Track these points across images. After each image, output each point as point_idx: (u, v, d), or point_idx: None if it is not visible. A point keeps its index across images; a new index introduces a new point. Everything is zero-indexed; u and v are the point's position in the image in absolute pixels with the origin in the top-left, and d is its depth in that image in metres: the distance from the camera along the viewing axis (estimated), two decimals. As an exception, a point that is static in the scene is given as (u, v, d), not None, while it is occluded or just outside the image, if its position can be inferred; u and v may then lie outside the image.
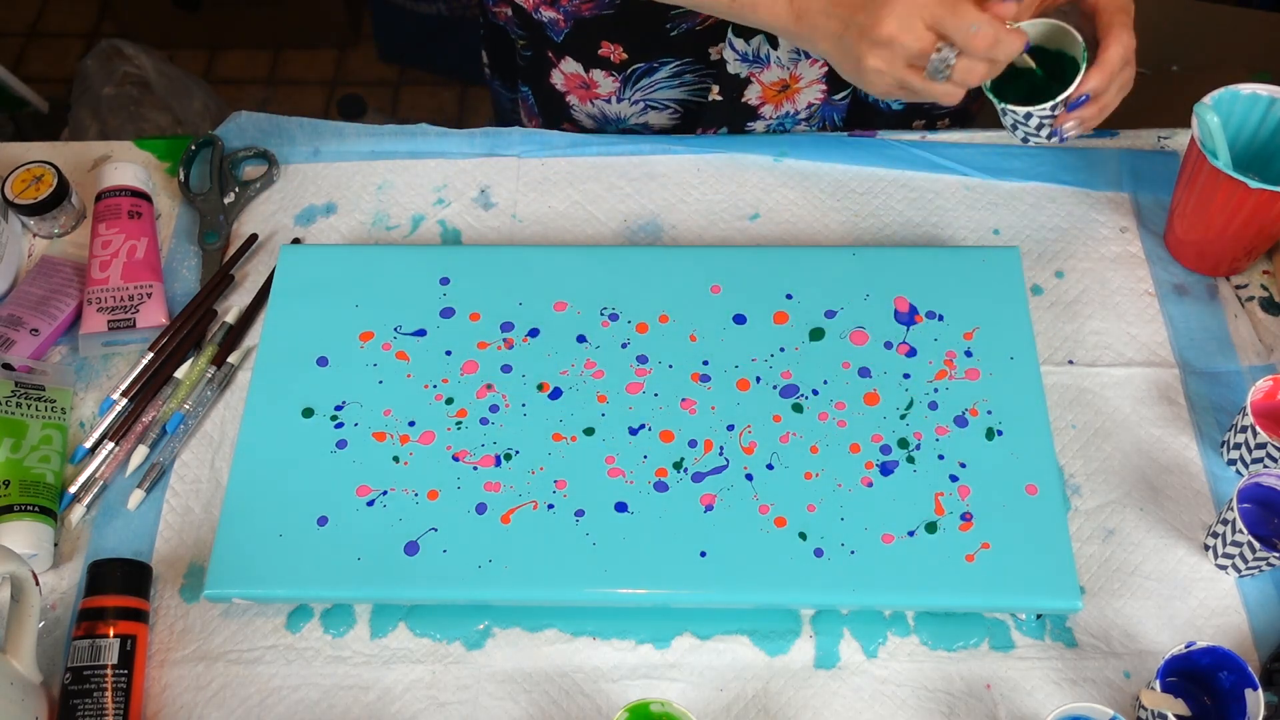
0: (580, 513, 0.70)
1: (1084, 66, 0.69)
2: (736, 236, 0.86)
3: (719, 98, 0.89)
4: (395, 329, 0.78)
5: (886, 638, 0.69)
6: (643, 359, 0.76)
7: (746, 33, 0.84)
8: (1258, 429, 0.70)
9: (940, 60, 0.63)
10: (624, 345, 0.77)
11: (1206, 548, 0.71)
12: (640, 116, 0.93)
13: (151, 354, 0.80)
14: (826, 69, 0.88)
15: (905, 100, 0.68)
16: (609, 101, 0.92)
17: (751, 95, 0.89)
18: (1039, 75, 0.72)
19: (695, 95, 0.91)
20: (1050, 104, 0.69)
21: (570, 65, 0.90)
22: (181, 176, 0.90)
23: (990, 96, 0.72)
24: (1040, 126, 0.72)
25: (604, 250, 0.82)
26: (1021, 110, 0.70)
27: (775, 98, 0.90)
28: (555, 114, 0.96)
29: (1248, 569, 0.69)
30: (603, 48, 0.87)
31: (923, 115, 0.96)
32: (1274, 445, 0.69)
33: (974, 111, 1.01)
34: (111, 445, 0.77)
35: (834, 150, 0.89)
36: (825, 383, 0.75)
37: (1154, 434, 0.76)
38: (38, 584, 0.67)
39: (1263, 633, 0.69)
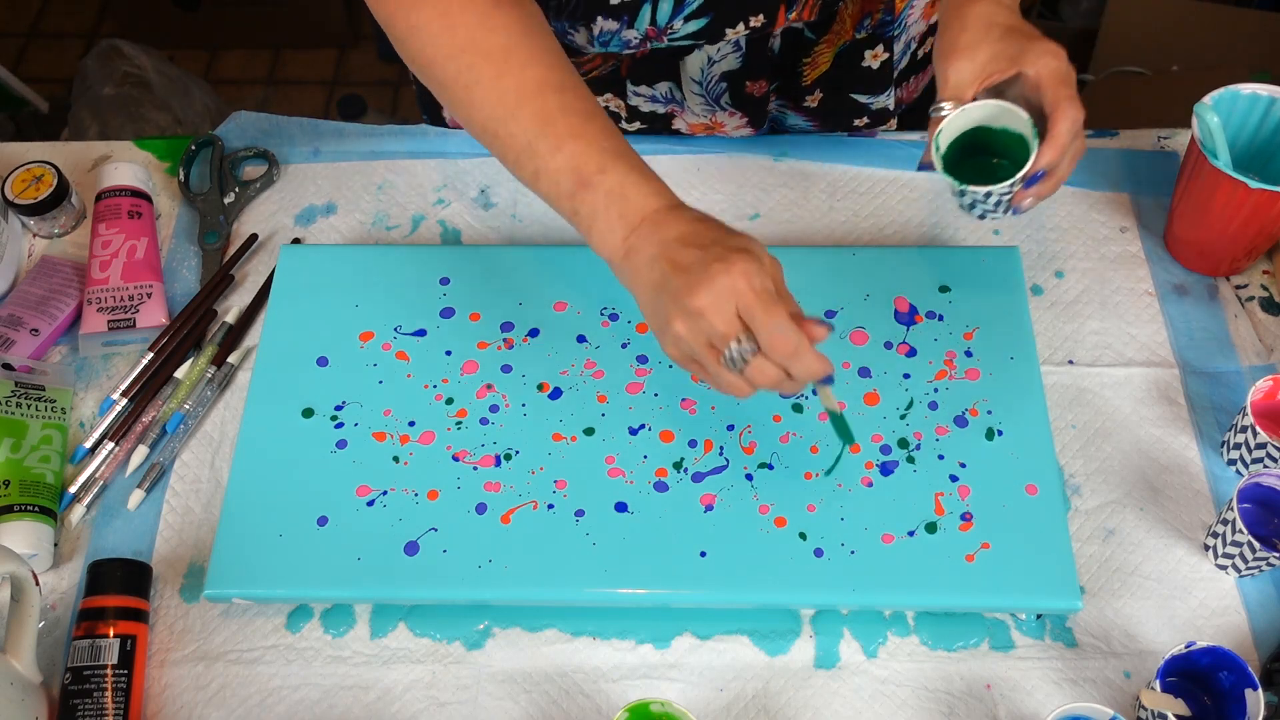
0: (580, 513, 0.70)
1: (1035, 143, 0.68)
2: (736, 236, 0.86)
3: (643, 126, 0.89)
4: (395, 329, 0.78)
5: (886, 638, 0.69)
6: (643, 359, 0.76)
7: (647, 80, 0.84)
8: (1258, 429, 0.70)
9: (737, 350, 0.60)
10: (624, 345, 0.77)
11: (1206, 548, 0.71)
12: None
13: (151, 354, 0.80)
14: (747, 120, 0.88)
15: (695, 376, 0.64)
16: None
17: (680, 125, 0.90)
18: (985, 158, 0.73)
19: None
20: (1009, 182, 0.69)
21: None
22: (181, 176, 0.90)
23: (947, 177, 0.70)
24: (999, 204, 0.71)
25: (604, 250, 0.82)
26: (982, 190, 0.69)
27: (703, 131, 0.90)
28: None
29: (1248, 569, 0.69)
30: None
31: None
32: (1274, 445, 0.69)
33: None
34: (111, 445, 0.77)
35: (834, 150, 0.89)
36: (825, 383, 0.75)
37: (1154, 434, 0.76)
38: (38, 584, 0.67)
39: (1263, 633, 0.69)
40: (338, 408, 0.75)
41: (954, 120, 0.70)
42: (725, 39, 0.79)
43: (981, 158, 0.73)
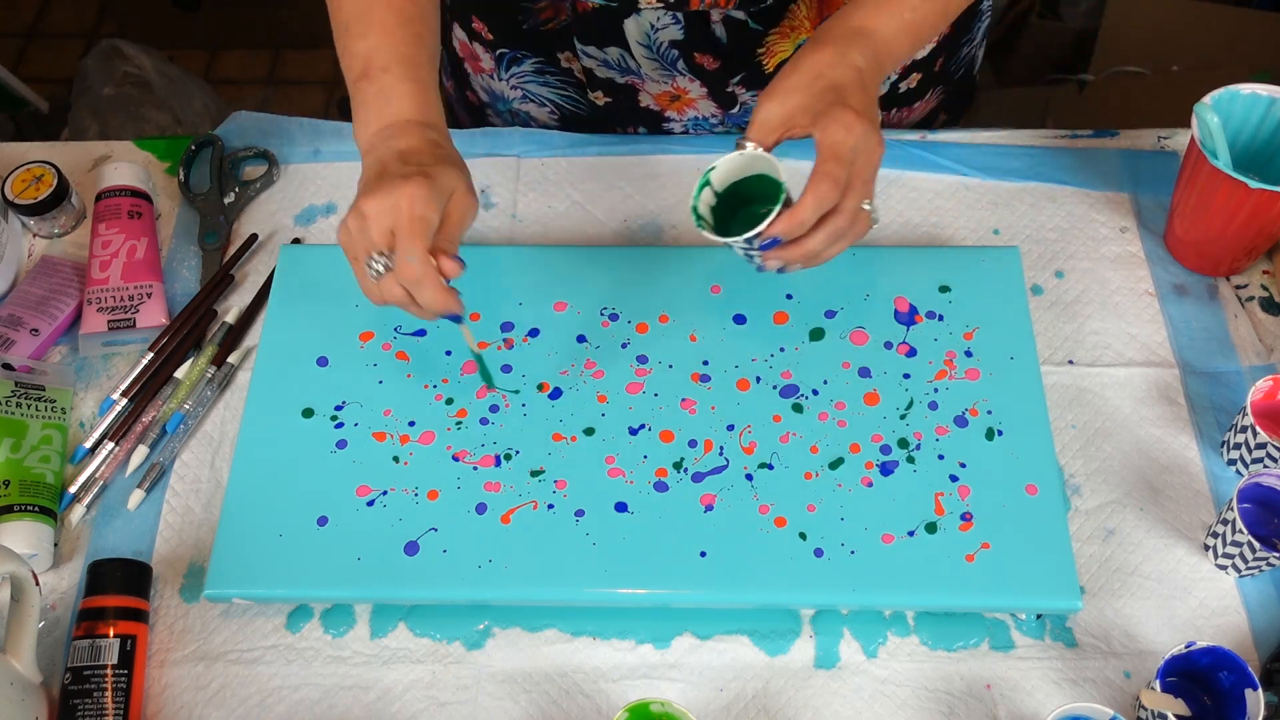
0: (580, 513, 0.70)
1: (775, 210, 0.65)
2: (736, 236, 0.86)
3: (608, 99, 0.89)
4: (395, 329, 0.78)
5: (886, 638, 0.69)
6: (643, 359, 0.76)
7: (595, 41, 0.84)
8: (1258, 429, 0.70)
9: (374, 261, 0.65)
10: (624, 345, 0.77)
11: (1206, 548, 0.71)
12: (521, 104, 0.93)
13: (151, 354, 0.80)
14: (706, 89, 0.87)
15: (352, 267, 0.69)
16: (492, 78, 0.92)
17: (646, 101, 0.89)
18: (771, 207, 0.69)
19: (568, 102, 0.91)
20: (741, 238, 0.66)
21: (459, 32, 0.91)
22: (181, 176, 0.90)
23: (694, 220, 0.69)
24: (749, 257, 0.69)
25: (604, 250, 0.82)
26: (719, 240, 0.68)
27: (673, 104, 0.90)
28: (460, 80, 0.98)
29: (1248, 569, 0.69)
30: (474, 22, 0.88)
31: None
32: (1274, 445, 0.69)
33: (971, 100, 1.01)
34: (111, 445, 0.77)
35: (834, 150, 0.89)
36: (825, 383, 0.75)
37: (1154, 434, 0.76)
38: (38, 584, 0.67)
39: (1263, 633, 0.69)
40: (338, 408, 0.75)
41: (730, 162, 0.68)
42: (640, 10, 0.79)
43: (762, 206, 0.69)
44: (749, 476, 0.71)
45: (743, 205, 0.71)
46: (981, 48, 0.96)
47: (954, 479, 0.71)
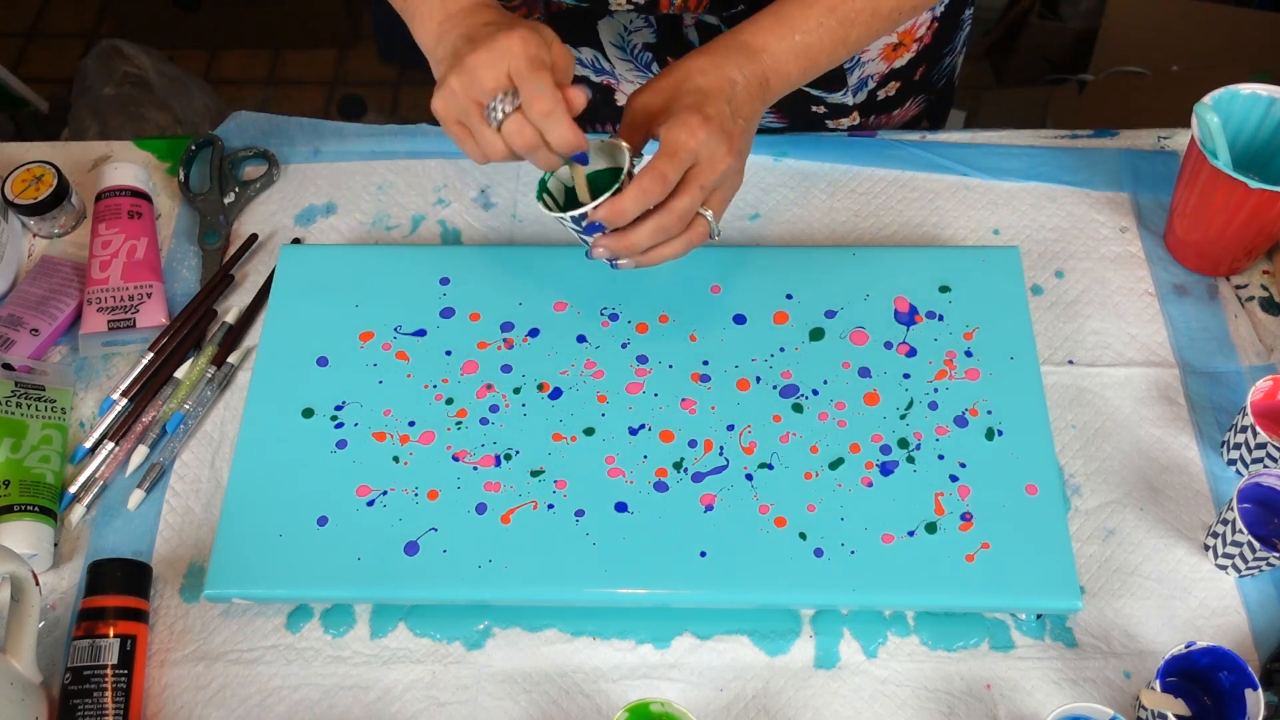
0: (580, 513, 0.70)
1: (607, 195, 0.65)
2: (736, 236, 0.86)
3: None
4: (395, 329, 0.78)
5: (886, 638, 0.69)
6: (643, 359, 0.76)
7: (569, 41, 0.83)
8: (1258, 429, 0.70)
9: (497, 105, 0.63)
10: (624, 345, 0.77)
11: (1206, 548, 0.71)
12: None
13: (151, 354, 0.80)
14: None
15: (456, 141, 0.66)
16: None
17: (622, 101, 0.90)
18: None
19: None
20: (568, 215, 0.66)
21: None
22: (181, 176, 0.90)
23: (538, 195, 0.69)
24: (584, 241, 0.69)
25: (604, 250, 0.82)
26: (551, 214, 0.68)
27: None
28: None
29: (1248, 569, 0.69)
30: None
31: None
32: (1274, 445, 0.69)
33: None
34: (111, 445, 0.77)
35: (834, 150, 0.89)
36: (825, 383, 0.75)
37: (1154, 434, 0.76)
38: (38, 584, 0.67)
39: (1263, 633, 0.69)
40: (338, 408, 0.75)
41: (592, 144, 0.68)
42: (612, 11, 0.79)
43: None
44: (749, 476, 0.71)
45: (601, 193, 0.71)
46: (962, 55, 0.96)
47: (954, 479, 0.71)
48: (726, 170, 0.67)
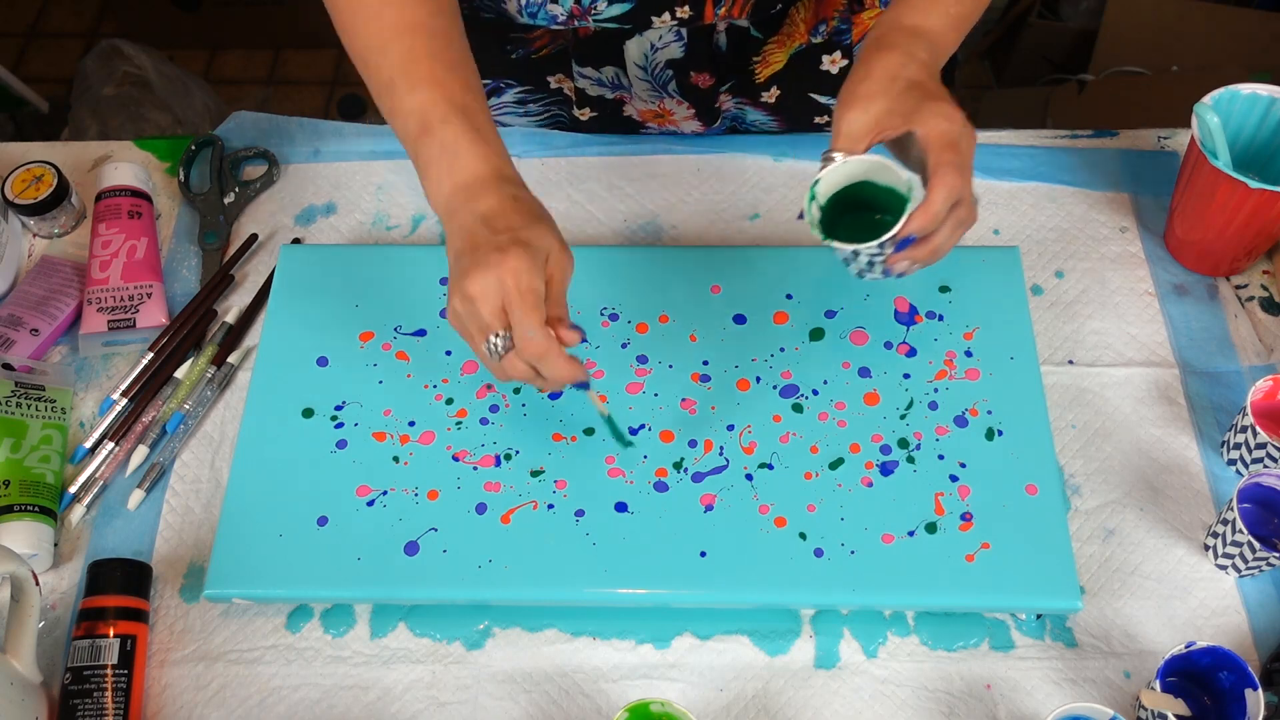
0: (580, 513, 0.70)
1: (910, 206, 0.65)
2: (736, 236, 0.86)
3: (593, 114, 0.90)
4: (395, 329, 0.78)
5: (886, 638, 0.69)
6: (643, 359, 0.76)
7: (592, 63, 0.84)
8: (1258, 429, 0.70)
9: (495, 342, 0.63)
10: (624, 345, 0.77)
11: (1206, 548, 0.71)
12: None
13: (151, 354, 0.80)
14: (694, 111, 0.88)
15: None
16: None
17: (630, 112, 0.90)
18: (870, 214, 0.70)
19: (550, 121, 0.92)
20: (876, 243, 0.66)
21: None
22: (181, 176, 0.90)
23: (817, 233, 0.68)
24: (871, 264, 0.69)
25: (604, 250, 0.82)
26: (848, 248, 0.67)
27: (655, 120, 0.90)
28: None
29: (1248, 569, 0.69)
30: None
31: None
32: (1274, 445, 0.69)
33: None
34: (111, 445, 0.77)
35: (834, 150, 0.89)
36: (825, 383, 0.75)
37: (1154, 434, 0.76)
38: (38, 584, 0.67)
39: (1263, 633, 0.69)
40: (338, 408, 0.75)
41: (834, 172, 0.67)
42: (654, 27, 0.79)
43: (867, 214, 0.70)
44: (749, 476, 0.71)
45: (841, 217, 0.71)
46: (959, 52, 0.96)
47: (954, 479, 0.71)
48: (975, 145, 0.67)
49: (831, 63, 0.85)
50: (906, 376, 0.75)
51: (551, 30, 0.83)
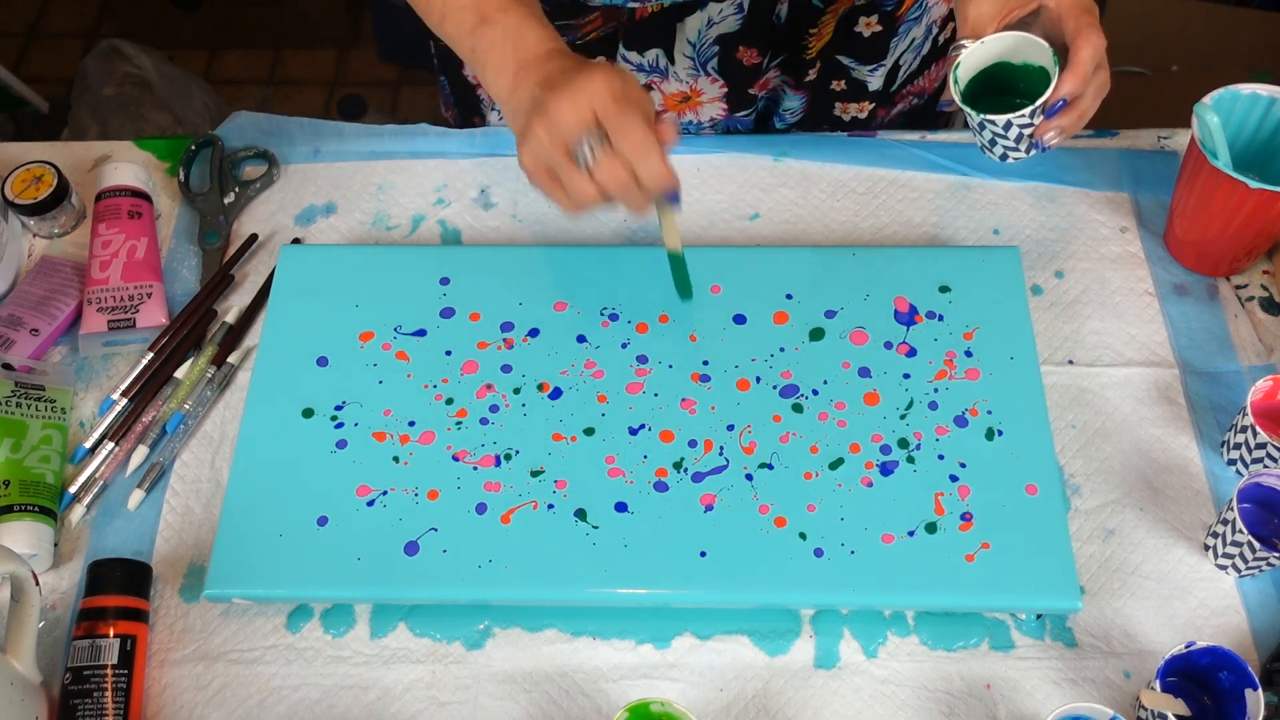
0: (580, 513, 0.70)
1: (1055, 72, 0.67)
2: (736, 236, 0.86)
3: None
4: (395, 329, 0.78)
5: (886, 638, 0.69)
6: (643, 359, 0.76)
7: (638, 46, 0.84)
8: (1258, 429, 0.70)
9: (585, 146, 0.61)
10: (624, 345, 0.77)
11: (1206, 548, 0.71)
12: None
13: (151, 354, 0.80)
14: (726, 89, 0.88)
15: (547, 193, 0.65)
16: None
17: (655, 101, 0.89)
18: (1009, 98, 0.72)
19: None
20: (1029, 110, 0.68)
21: None
22: (181, 176, 0.90)
23: (964, 108, 0.70)
24: (1020, 139, 0.70)
25: (604, 250, 0.82)
26: (1001, 120, 0.69)
27: (677, 106, 0.90)
28: (468, 107, 0.96)
29: (1248, 569, 0.69)
30: None
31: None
32: (1274, 445, 0.69)
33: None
34: (111, 445, 0.77)
35: (834, 150, 0.89)
36: (825, 383, 0.75)
37: (1154, 434, 0.76)
38: (38, 584, 0.67)
39: (1263, 633, 0.69)
40: (338, 408, 0.75)
41: (973, 53, 0.69)
42: (709, 2, 0.79)
43: (1005, 97, 0.72)
44: (749, 476, 0.71)
45: (977, 101, 0.72)
46: None
47: (954, 479, 0.71)
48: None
49: (866, 25, 0.84)
50: (906, 376, 0.75)
51: (608, 11, 0.82)
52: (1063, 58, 0.68)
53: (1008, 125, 0.69)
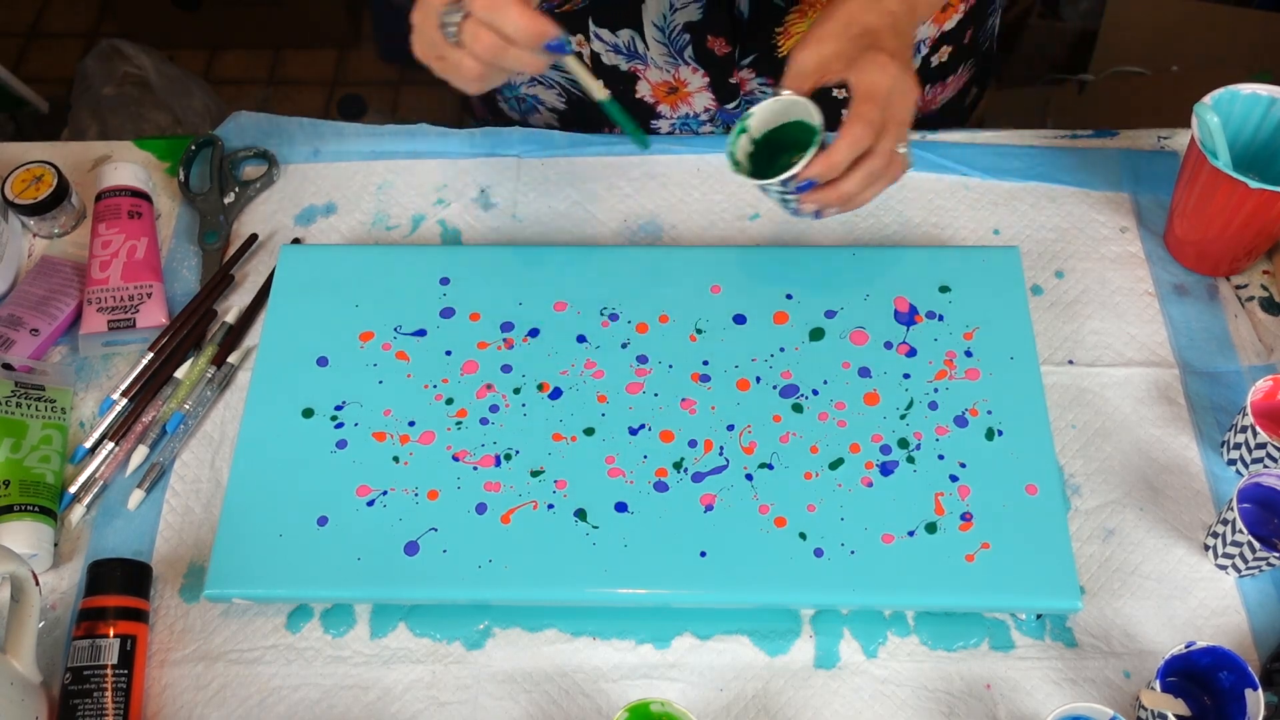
0: (580, 513, 0.70)
1: (810, 151, 0.66)
2: (736, 236, 0.86)
3: (608, 89, 0.89)
4: (395, 329, 0.78)
5: (886, 638, 0.69)
6: (643, 359, 0.76)
7: (610, 23, 0.84)
8: (1258, 429, 0.70)
9: (449, 18, 0.60)
10: (624, 345, 0.77)
11: (1206, 548, 0.71)
12: (530, 87, 0.93)
13: (151, 354, 0.80)
14: (708, 78, 0.88)
15: (442, 76, 0.64)
16: None
17: (644, 92, 0.89)
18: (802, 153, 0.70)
19: (572, 83, 0.91)
20: (777, 180, 0.67)
21: None
22: (181, 176, 0.90)
23: (728, 160, 0.70)
24: (785, 201, 0.70)
25: (604, 250, 0.82)
26: (752, 182, 0.68)
27: (668, 98, 0.90)
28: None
29: (1248, 569, 0.69)
30: None
31: None
32: (1274, 445, 0.69)
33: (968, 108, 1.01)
34: (111, 445, 0.77)
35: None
36: (825, 383, 0.75)
37: (1154, 434, 0.76)
38: (38, 584, 0.67)
39: (1263, 633, 0.69)
40: (338, 408, 0.75)
41: (764, 108, 0.69)
42: None
43: (797, 154, 0.70)
44: (749, 476, 0.71)
45: (780, 153, 0.72)
46: (998, 15, 0.96)
47: (954, 479, 0.71)
48: (915, 102, 0.67)
49: None
50: (906, 376, 0.75)
51: None
52: None
53: (764, 188, 0.69)
